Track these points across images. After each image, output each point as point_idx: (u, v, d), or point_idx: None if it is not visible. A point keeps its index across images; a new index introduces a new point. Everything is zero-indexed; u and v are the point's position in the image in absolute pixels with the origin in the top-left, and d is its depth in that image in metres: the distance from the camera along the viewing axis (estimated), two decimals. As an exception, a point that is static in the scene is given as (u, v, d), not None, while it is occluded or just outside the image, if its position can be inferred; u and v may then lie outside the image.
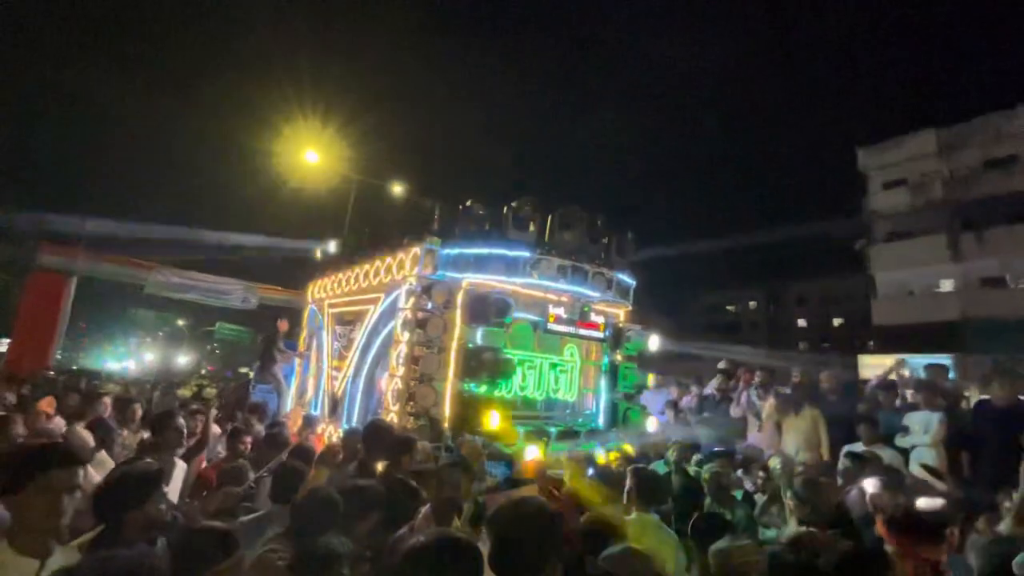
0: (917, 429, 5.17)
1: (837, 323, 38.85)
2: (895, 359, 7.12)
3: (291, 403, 8.07)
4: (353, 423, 5.80)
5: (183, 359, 33.69)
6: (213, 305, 13.75)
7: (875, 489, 3.30)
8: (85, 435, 4.09)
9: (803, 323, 41.57)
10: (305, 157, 14.55)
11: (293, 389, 8.32)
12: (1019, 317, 16.67)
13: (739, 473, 4.77)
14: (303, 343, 8.39)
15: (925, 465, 4.71)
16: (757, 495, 4.44)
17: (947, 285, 21.86)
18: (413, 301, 5.12)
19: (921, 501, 3.28)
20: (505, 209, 5.34)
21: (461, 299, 5.28)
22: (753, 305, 44.90)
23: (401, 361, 5.08)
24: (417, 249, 5.29)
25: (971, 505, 3.65)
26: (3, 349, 14.03)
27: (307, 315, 8.49)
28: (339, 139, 15.19)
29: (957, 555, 2.99)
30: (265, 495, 3.28)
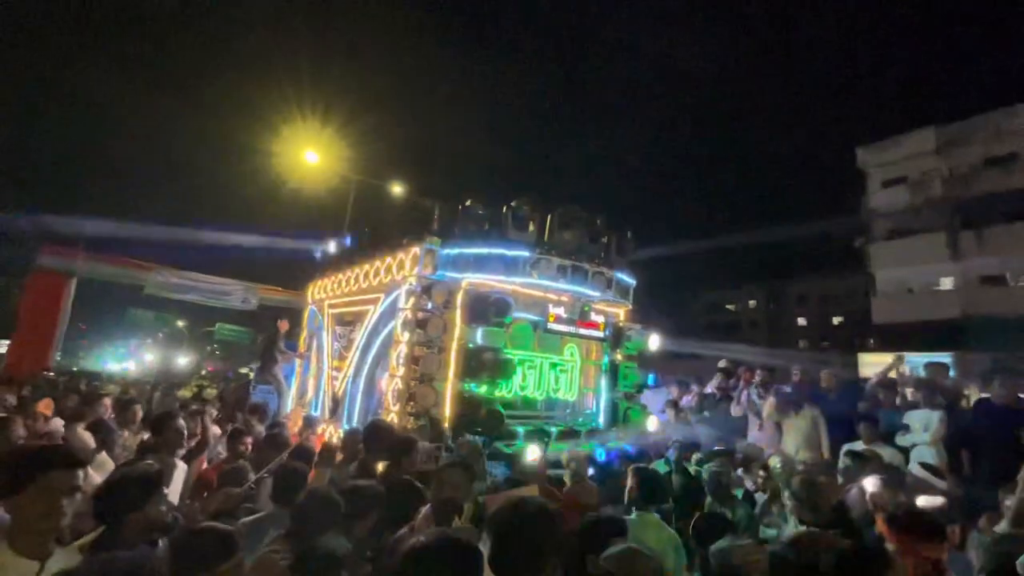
0: (917, 427, 5.17)
1: (837, 321, 38.91)
2: (894, 355, 7.10)
3: (291, 404, 8.07)
4: (353, 423, 5.80)
5: (183, 360, 33.65)
6: (213, 306, 13.77)
7: (875, 488, 3.30)
8: (86, 436, 4.10)
9: (803, 322, 41.61)
10: (305, 157, 14.56)
11: (293, 390, 8.32)
12: (1019, 315, 16.69)
13: (739, 472, 4.77)
14: (303, 344, 8.39)
15: (924, 463, 4.71)
16: (757, 494, 4.45)
17: (947, 283, 21.87)
18: (413, 301, 5.11)
19: (921, 499, 3.29)
20: (505, 209, 5.33)
21: (461, 299, 5.28)
22: (753, 304, 44.95)
23: (401, 361, 5.07)
24: (417, 249, 5.29)
25: (971, 503, 3.65)
26: (3, 350, 14.02)
27: (307, 316, 8.48)
28: (339, 139, 15.21)
29: (958, 553, 3.00)
30: (266, 496, 3.28)
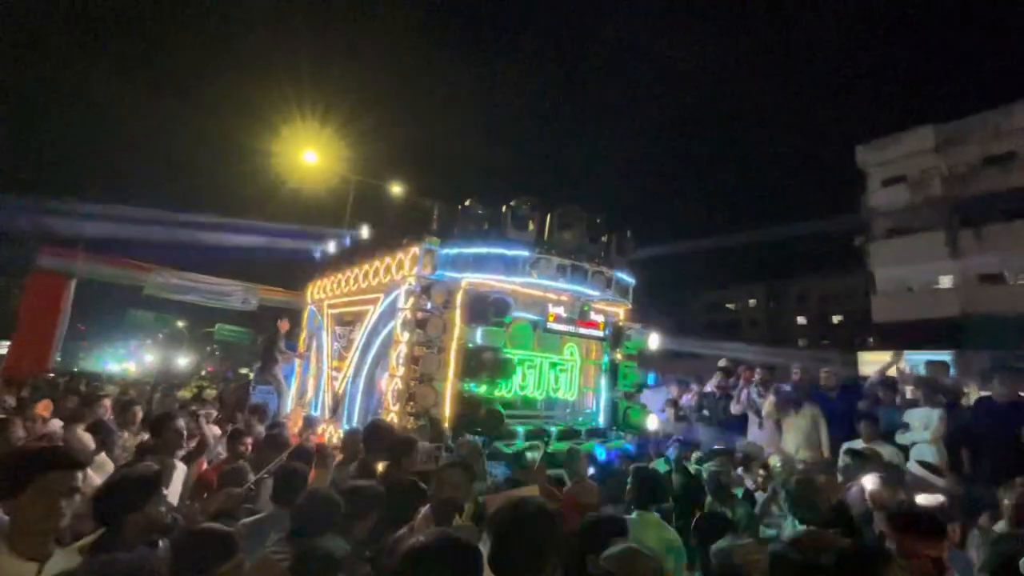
0: (917, 426, 5.17)
1: (836, 320, 38.90)
2: (893, 353, 7.11)
3: (291, 404, 8.07)
4: (353, 423, 5.80)
5: (183, 360, 33.64)
6: (213, 306, 13.74)
7: (874, 486, 3.30)
8: (85, 438, 4.09)
9: (803, 320, 41.59)
10: (304, 157, 14.53)
11: (293, 390, 8.31)
12: (1018, 313, 16.70)
13: (739, 471, 4.77)
14: (303, 344, 8.39)
15: (921, 461, 4.71)
16: (757, 493, 4.45)
17: (946, 281, 21.88)
18: (412, 301, 5.11)
19: (921, 497, 3.29)
20: (504, 208, 5.32)
21: (460, 299, 5.27)
22: (753, 303, 44.93)
23: (401, 361, 5.07)
24: (416, 249, 5.29)
25: (972, 501, 3.65)
26: (2, 352, 13.99)
27: (307, 316, 8.48)
28: (338, 139, 15.19)
29: (958, 551, 3.00)
30: (266, 496, 3.27)
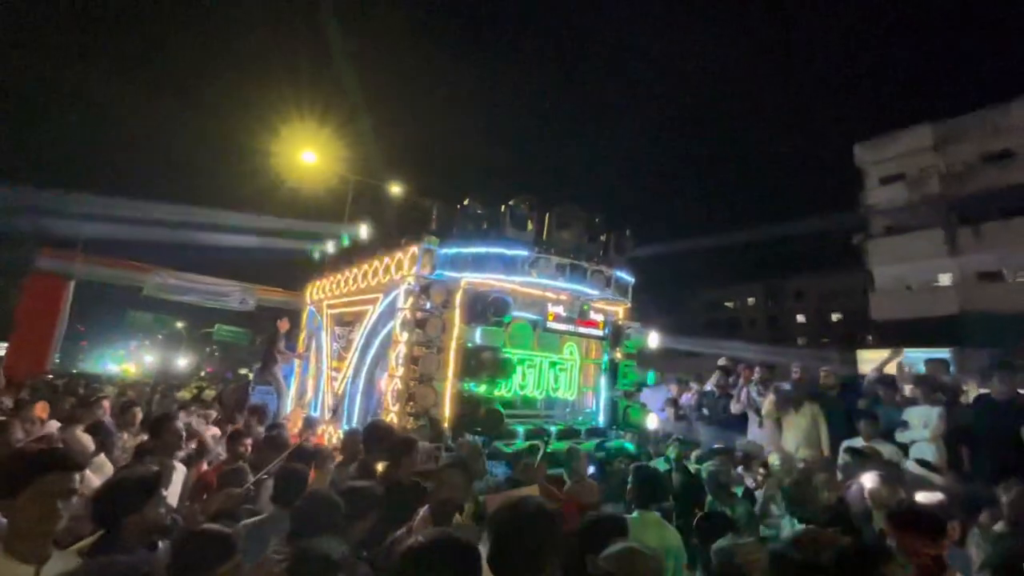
0: (917, 424, 5.17)
1: (835, 318, 38.94)
2: (891, 350, 7.12)
3: (291, 404, 8.06)
4: (353, 424, 5.79)
5: (182, 361, 33.62)
6: (211, 307, 13.74)
7: (873, 484, 3.30)
8: (84, 439, 4.08)
9: (802, 319, 41.63)
10: (303, 157, 14.52)
11: (293, 390, 8.30)
12: (1016, 310, 16.72)
13: (739, 470, 4.77)
14: (302, 344, 8.38)
15: (919, 459, 4.71)
16: (757, 491, 4.44)
17: (945, 279, 21.91)
18: (412, 301, 5.10)
19: (921, 495, 3.29)
20: (503, 208, 5.31)
21: (460, 298, 5.27)
22: (752, 301, 44.95)
23: (400, 361, 5.06)
24: (415, 249, 5.28)
25: (971, 499, 3.65)
26: (1, 353, 13.97)
27: (306, 316, 8.47)
28: (337, 139, 15.16)
29: (958, 549, 3.00)
30: (266, 497, 3.27)
